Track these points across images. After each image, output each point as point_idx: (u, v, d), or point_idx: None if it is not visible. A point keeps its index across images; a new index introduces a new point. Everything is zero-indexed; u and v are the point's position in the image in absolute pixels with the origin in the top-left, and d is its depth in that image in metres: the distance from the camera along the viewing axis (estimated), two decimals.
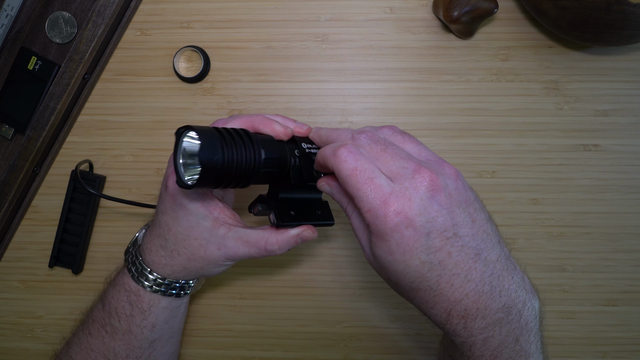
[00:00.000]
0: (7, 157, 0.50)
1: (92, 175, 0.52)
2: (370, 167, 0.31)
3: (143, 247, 0.41)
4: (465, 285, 0.30)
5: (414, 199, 0.29)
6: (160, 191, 0.40)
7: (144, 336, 0.42)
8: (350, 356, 0.52)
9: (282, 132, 0.37)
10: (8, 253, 0.54)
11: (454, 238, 0.30)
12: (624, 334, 0.51)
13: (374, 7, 0.51)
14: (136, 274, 0.41)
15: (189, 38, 0.52)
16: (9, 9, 0.49)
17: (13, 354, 0.54)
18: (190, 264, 0.40)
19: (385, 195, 0.30)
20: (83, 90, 0.52)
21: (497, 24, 0.51)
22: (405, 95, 0.52)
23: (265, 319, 0.52)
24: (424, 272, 0.30)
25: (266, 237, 0.38)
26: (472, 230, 0.31)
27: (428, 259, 0.30)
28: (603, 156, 0.51)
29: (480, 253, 0.30)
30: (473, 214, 0.31)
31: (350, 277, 0.52)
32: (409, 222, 0.29)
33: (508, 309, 0.30)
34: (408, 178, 0.30)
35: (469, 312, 0.30)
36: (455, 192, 0.31)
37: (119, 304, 0.41)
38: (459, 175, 0.32)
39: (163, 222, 0.39)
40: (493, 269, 0.31)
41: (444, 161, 0.32)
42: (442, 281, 0.30)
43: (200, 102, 0.52)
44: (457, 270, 0.30)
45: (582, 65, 0.51)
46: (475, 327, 0.30)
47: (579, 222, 0.51)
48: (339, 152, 0.32)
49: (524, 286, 0.32)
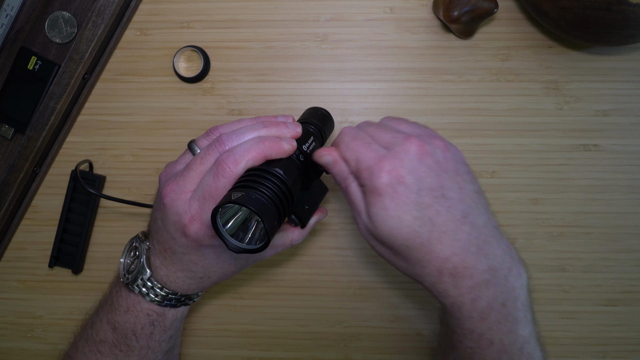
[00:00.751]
0: (7, 157, 0.50)
1: (92, 175, 0.52)
2: (367, 137, 0.36)
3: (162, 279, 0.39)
4: (454, 243, 0.33)
5: (404, 160, 0.33)
6: (175, 236, 0.37)
7: (161, 348, 0.41)
8: (350, 356, 0.52)
9: (291, 150, 0.37)
10: (8, 253, 0.54)
11: (441, 198, 0.33)
12: (623, 334, 0.51)
13: (374, 7, 0.51)
14: (159, 300, 0.39)
15: (189, 38, 0.52)
16: (9, 9, 0.49)
17: (13, 354, 0.54)
18: (221, 279, 0.42)
19: (380, 157, 0.34)
20: (83, 90, 0.52)
21: (497, 24, 0.51)
22: (405, 95, 0.52)
23: (265, 319, 0.52)
24: (416, 227, 0.33)
25: (290, 237, 0.42)
26: (459, 195, 0.34)
27: (419, 214, 0.33)
28: (603, 156, 0.51)
29: (467, 216, 0.33)
30: (461, 183, 0.34)
31: (350, 277, 0.52)
32: (400, 179, 0.33)
33: (494, 271, 0.33)
34: (399, 144, 0.34)
35: (458, 270, 0.33)
36: (444, 160, 0.34)
37: (138, 327, 0.40)
38: (449, 148, 0.35)
39: (186, 260, 0.38)
40: (479, 233, 0.33)
41: (436, 135, 0.36)
42: (432, 237, 0.33)
43: (200, 102, 0.52)
44: (445, 228, 0.33)
45: (582, 65, 0.51)
46: (463, 286, 0.33)
47: (579, 222, 0.51)
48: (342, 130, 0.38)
49: (510, 254, 0.34)
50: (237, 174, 0.34)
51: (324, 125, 0.44)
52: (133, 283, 0.40)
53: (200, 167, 0.36)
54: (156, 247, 0.39)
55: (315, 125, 0.43)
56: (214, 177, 0.34)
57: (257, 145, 0.35)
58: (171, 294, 0.40)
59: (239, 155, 0.34)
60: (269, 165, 0.35)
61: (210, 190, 0.34)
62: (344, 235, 0.52)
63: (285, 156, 0.37)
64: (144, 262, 0.40)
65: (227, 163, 0.34)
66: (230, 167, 0.34)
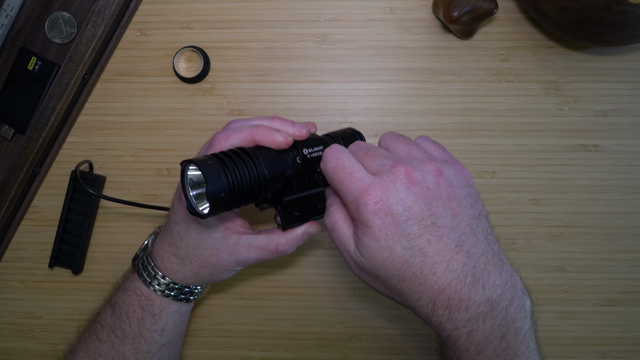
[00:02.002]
0: (7, 157, 0.50)
1: (92, 175, 0.52)
2: (350, 164, 0.34)
3: (154, 253, 0.42)
4: (447, 274, 0.31)
5: (390, 189, 0.32)
6: (173, 202, 0.41)
7: (154, 340, 0.42)
8: (350, 356, 0.52)
9: (283, 142, 0.37)
10: (8, 253, 0.54)
11: (432, 227, 0.32)
12: (623, 334, 0.51)
13: (374, 7, 0.51)
14: (148, 279, 0.42)
15: (189, 38, 0.52)
16: (9, 9, 0.49)
17: (13, 354, 0.54)
18: (202, 270, 0.42)
19: (365, 187, 0.32)
20: (83, 90, 0.52)
21: (497, 24, 0.51)
22: (405, 96, 0.52)
23: (265, 319, 0.53)
24: (407, 257, 0.31)
25: (276, 240, 0.41)
26: (452, 223, 0.32)
27: (409, 245, 0.31)
28: (603, 156, 0.51)
29: (462, 245, 0.32)
30: (455, 209, 0.33)
31: (350, 277, 0.52)
32: (387, 209, 0.32)
33: (492, 304, 0.31)
34: (386, 172, 0.33)
35: (453, 302, 0.31)
36: (435, 186, 0.32)
37: (130, 308, 0.42)
38: (442, 172, 0.33)
39: (175, 231, 0.41)
40: (476, 262, 0.32)
41: (431, 159, 0.34)
42: (425, 268, 0.31)
43: (200, 102, 0.52)
44: (438, 258, 0.31)
45: (582, 66, 0.51)
46: (459, 319, 0.31)
47: (578, 222, 0.51)
48: (325, 154, 0.35)
49: (513, 284, 0.32)
50: (223, 147, 0.37)
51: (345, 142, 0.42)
52: (135, 259, 0.44)
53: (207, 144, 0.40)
54: (165, 223, 0.43)
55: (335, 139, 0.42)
56: (206, 148, 0.38)
57: (250, 128, 0.37)
58: (159, 276, 0.42)
59: (231, 132, 0.37)
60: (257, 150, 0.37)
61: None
62: None
63: (276, 146, 0.37)
64: (149, 242, 0.44)
65: (219, 137, 0.37)
66: (221, 142, 0.37)
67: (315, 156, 0.39)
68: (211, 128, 0.52)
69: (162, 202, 0.52)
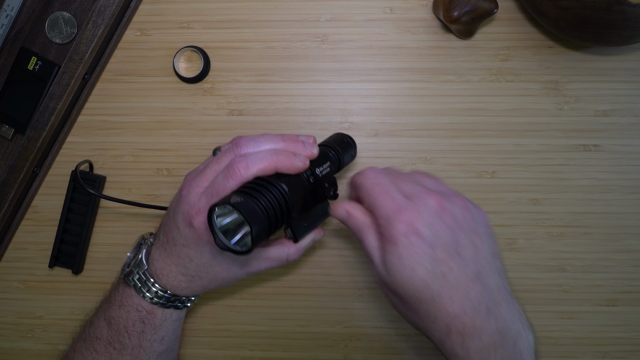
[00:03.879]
0: (7, 157, 0.50)
1: (92, 175, 0.52)
2: (388, 184, 0.36)
3: (156, 271, 0.41)
4: (464, 302, 0.32)
5: (422, 213, 0.33)
6: (180, 226, 0.39)
7: (153, 349, 0.42)
8: (350, 356, 0.52)
9: (302, 168, 0.38)
10: (8, 253, 0.54)
11: (455, 256, 0.33)
12: (623, 334, 0.51)
13: (374, 7, 0.51)
14: (149, 295, 0.41)
15: (189, 38, 0.52)
16: (9, 9, 0.49)
17: (13, 354, 0.54)
18: (211, 284, 0.42)
19: (399, 206, 0.34)
20: (83, 90, 0.52)
21: (497, 24, 0.51)
22: (405, 96, 0.52)
23: (265, 319, 0.53)
24: (428, 280, 0.33)
25: (287, 251, 0.42)
26: (473, 255, 0.34)
27: (432, 268, 0.33)
28: (603, 156, 0.51)
29: (480, 277, 0.33)
30: (477, 242, 0.34)
31: (350, 277, 0.52)
32: (416, 231, 0.33)
33: (503, 335, 0.32)
34: (419, 197, 0.34)
35: (467, 329, 0.32)
36: (462, 218, 0.34)
37: (129, 322, 0.41)
38: (469, 208, 0.36)
39: (183, 253, 0.39)
40: (491, 294, 0.33)
41: (458, 195, 0.36)
42: (443, 293, 0.33)
43: (200, 102, 0.52)
44: (457, 285, 0.33)
45: (582, 65, 0.51)
46: (472, 347, 0.32)
47: (579, 222, 0.51)
48: (365, 171, 0.38)
49: (520, 319, 0.34)
50: (245, 178, 0.36)
51: (345, 153, 0.44)
52: (129, 275, 0.41)
53: (215, 166, 0.38)
54: (161, 238, 0.41)
55: (336, 151, 0.44)
56: (224, 177, 0.36)
57: (270, 156, 0.37)
58: (161, 291, 0.41)
59: (251, 161, 0.36)
60: (277, 178, 0.37)
61: (219, 189, 0.36)
62: (344, 236, 0.52)
63: (295, 172, 0.38)
64: (142, 257, 0.42)
65: (239, 167, 0.36)
66: (241, 171, 0.36)
67: (325, 173, 0.40)
68: (211, 128, 0.52)
69: (162, 201, 0.52)
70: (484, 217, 0.37)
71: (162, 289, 0.41)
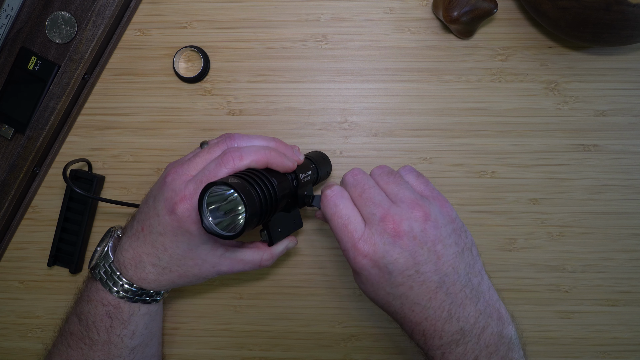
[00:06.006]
0: (7, 157, 0.50)
1: (90, 175, 0.52)
2: (346, 213, 0.36)
3: (123, 262, 0.40)
4: (424, 311, 0.35)
5: (378, 244, 0.35)
6: (160, 213, 0.39)
7: (124, 344, 0.42)
8: (350, 356, 0.52)
9: (291, 168, 0.40)
10: (8, 253, 0.54)
11: (415, 275, 0.34)
12: (623, 334, 0.51)
13: (373, 7, 0.51)
14: (115, 288, 0.40)
15: (188, 38, 0.52)
16: (9, 9, 0.49)
17: (13, 354, 0.54)
18: (180, 279, 0.41)
19: (355, 241, 0.35)
20: (83, 90, 0.52)
21: (496, 24, 0.51)
22: (405, 95, 0.52)
23: (265, 319, 0.52)
24: (390, 300, 0.36)
25: (261, 255, 0.43)
26: (435, 267, 0.35)
27: (392, 291, 0.35)
28: (603, 156, 0.51)
29: (442, 285, 0.35)
30: (440, 251, 0.35)
31: (350, 277, 0.52)
32: (374, 263, 0.35)
33: (463, 332, 0.34)
34: (375, 224, 0.35)
35: (427, 333, 0.35)
36: (421, 233, 0.35)
37: (97, 317, 0.41)
38: (429, 217, 0.35)
39: (159, 242, 0.39)
40: (454, 299, 0.35)
41: (418, 202, 0.36)
42: (404, 308, 0.35)
43: (200, 102, 0.52)
44: (417, 300, 0.35)
45: (581, 65, 0.51)
46: (433, 344, 0.35)
47: (578, 222, 0.51)
48: (326, 192, 0.37)
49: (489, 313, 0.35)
50: (238, 168, 0.37)
51: (322, 168, 0.47)
52: (95, 269, 0.42)
53: (206, 155, 0.39)
54: (134, 227, 0.41)
55: (316, 164, 0.46)
56: (217, 165, 0.37)
57: (263, 150, 0.38)
58: (127, 284, 0.40)
59: (245, 152, 0.37)
60: (268, 172, 0.38)
61: (209, 176, 0.37)
62: None
63: (284, 171, 0.40)
64: (108, 249, 0.42)
65: (233, 156, 0.37)
66: (235, 160, 0.37)
67: (306, 180, 0.42)
68: (211, 128, 0.52)
69: None
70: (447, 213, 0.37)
71: (129, 282, 0.40)
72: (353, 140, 0.52)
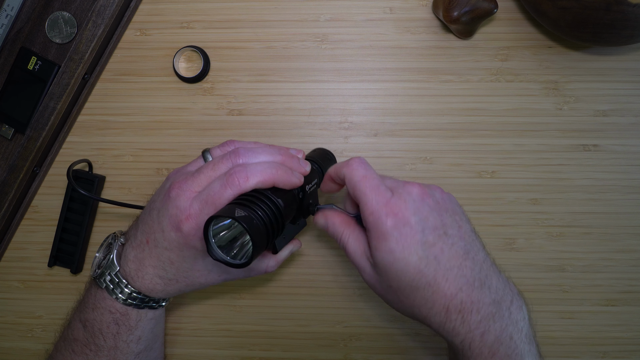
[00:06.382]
0: (7, 157, 0.50)
1: (91, 175, 0.52)
2: (376, 176, 0.36)
3: (130, 272, 0.40)
4: (459, 279, 0.33)
5: (408, 201, 0.34)
6: (165, 229, 0.38)
7: (130, 349, 0.41)
8: (350, 356, 0.52)
9: (298, 184, 0.39)
10: (8, 253, 0.54)
11: (444, 236, 0.34)
12: (623, 334, 0.51)
13: (373, 7, 0.51)
14: (122, 297, 0.40)
15: (189, 38, 0.52)
16: (9, 9, 0.49)
17: (13, 354, 0.54)
18: (187, 288, 0.42)
19: (387, 200, 0.34)
20: (83, 90, 0.52)
21: (496, 24, 0.51)
22: (405, 95, 0.52)
23: (265, 319, 0.52)
24: (422, 267, 0.33)
25: (266, 262, 0.43)
26: (459, 233, 0.35)
27: (424, 254, 0.33)
28: (603, 156, 0.51)
29: (469, 252, 0.35)
30: (459, 221, 0.36)
31: (350, 277, 0.52)
32: (405, 220, 0.34)
33: (498, 304, 0.33)
34: (401, 187, 0.36)
35: (465, 306, 0.33)
36: (442, 200, 0.36)
37: (103, 325, 0.40)
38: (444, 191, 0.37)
39: (165, 256, 0.39)
40: (481, 268, 0.34)
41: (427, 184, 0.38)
42: (438, 276, 0.33)
43: (200, 102, 0.52)
44: (450, 265, 0.34)
45: (581, 65, 0.51)
46: (472, 321, 0.33)
47: (578, 222, 0.51)
48: (351, 161, 0.37)
49: (510, 288, 0.35)
50: (244, 189, 0.36)
51: (325, 168, 0.46)
52: (100, 277, 0.41)
53: (211, 172, 0.37)
54: (138, 238, 0.40)
55: (319, 165, 0.45)
56: (222, 185, 0.36)
57: (270, 169, 0.37)
58: (135, 293, 0.40)
59: (251, 172, 0.36)
60: (274, 192, 0.37)
61: (214, 197, 0.36)
62: None
63: (290, 188, 0.38)
64: (113, 258, 0.40)
65: (239, 176, 0.36)
66: (240, 181, 0.36)
67: (312, 191, 0.42)
68: (211, 128, 0.52)
69: None
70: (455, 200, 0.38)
71: (136, 290, 0.40)
72: (353, 140, 0.52)
